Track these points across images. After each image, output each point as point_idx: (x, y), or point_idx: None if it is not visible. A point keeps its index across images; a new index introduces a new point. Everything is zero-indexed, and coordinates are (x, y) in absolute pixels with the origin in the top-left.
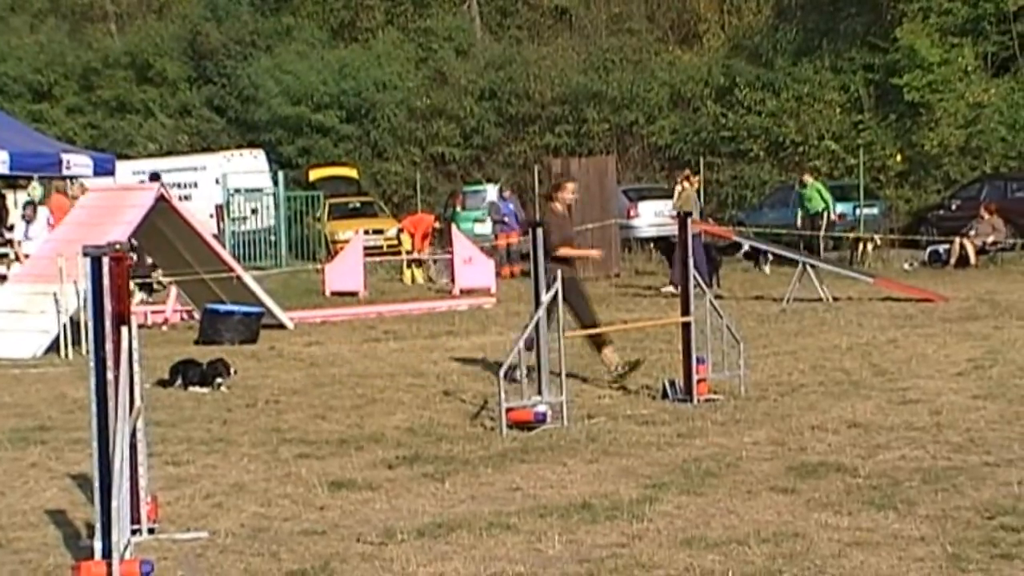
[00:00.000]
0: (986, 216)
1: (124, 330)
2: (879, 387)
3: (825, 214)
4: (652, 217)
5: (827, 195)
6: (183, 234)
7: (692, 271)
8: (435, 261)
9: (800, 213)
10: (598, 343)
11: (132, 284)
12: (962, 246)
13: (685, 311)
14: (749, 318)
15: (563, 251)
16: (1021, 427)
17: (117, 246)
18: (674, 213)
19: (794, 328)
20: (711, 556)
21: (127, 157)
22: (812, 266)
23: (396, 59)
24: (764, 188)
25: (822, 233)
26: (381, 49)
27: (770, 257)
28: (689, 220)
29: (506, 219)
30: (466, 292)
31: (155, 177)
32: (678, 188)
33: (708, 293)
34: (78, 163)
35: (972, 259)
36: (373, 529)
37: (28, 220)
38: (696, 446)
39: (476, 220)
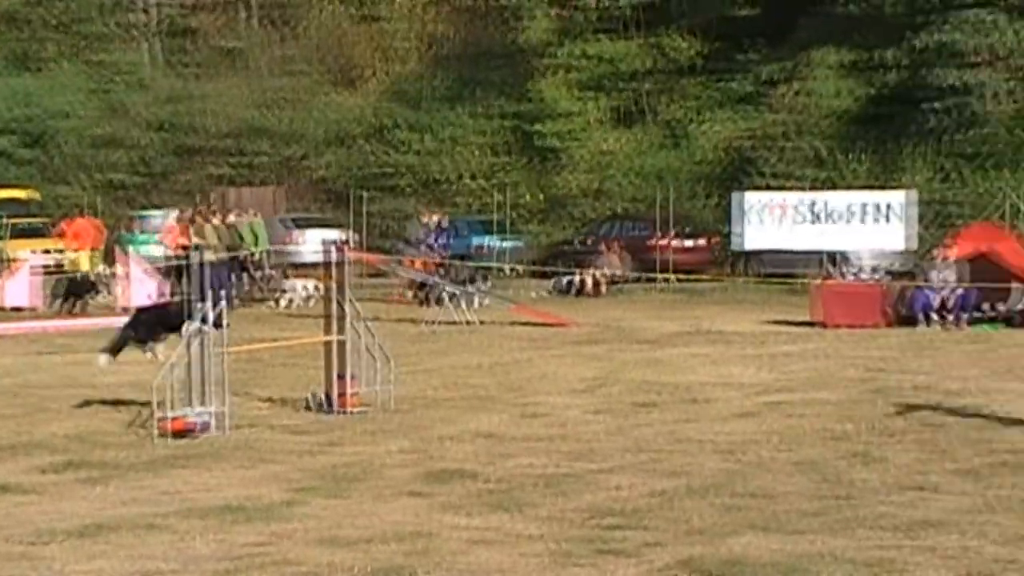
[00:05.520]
0: (608, 251)
1: None
2: (510, 402)
3: (258, 254)
4: (317, 244)
5: (261, 234)
6: None
7: (348, 295)
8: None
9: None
10: None
11: None
12: (592, 276)
13: (329, 331)
14: (401, 338)
15: None
16: (630, 438)
17: None
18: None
19: (440, 348)
20: (348, 553)
21: None
22: (458, 292)
23: (74, 89)
24: None
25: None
26: (59, 79)
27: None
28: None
29: (433, 245)
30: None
31: None
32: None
33: (356, 312)
34: None
35: (601, 288)
36: (30, 530)
37: None
38: (342, 453)
39: (144, 243)
